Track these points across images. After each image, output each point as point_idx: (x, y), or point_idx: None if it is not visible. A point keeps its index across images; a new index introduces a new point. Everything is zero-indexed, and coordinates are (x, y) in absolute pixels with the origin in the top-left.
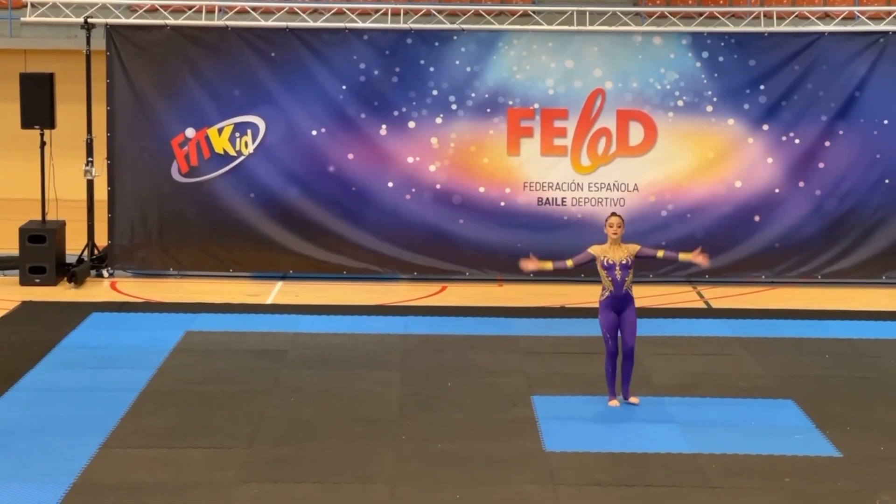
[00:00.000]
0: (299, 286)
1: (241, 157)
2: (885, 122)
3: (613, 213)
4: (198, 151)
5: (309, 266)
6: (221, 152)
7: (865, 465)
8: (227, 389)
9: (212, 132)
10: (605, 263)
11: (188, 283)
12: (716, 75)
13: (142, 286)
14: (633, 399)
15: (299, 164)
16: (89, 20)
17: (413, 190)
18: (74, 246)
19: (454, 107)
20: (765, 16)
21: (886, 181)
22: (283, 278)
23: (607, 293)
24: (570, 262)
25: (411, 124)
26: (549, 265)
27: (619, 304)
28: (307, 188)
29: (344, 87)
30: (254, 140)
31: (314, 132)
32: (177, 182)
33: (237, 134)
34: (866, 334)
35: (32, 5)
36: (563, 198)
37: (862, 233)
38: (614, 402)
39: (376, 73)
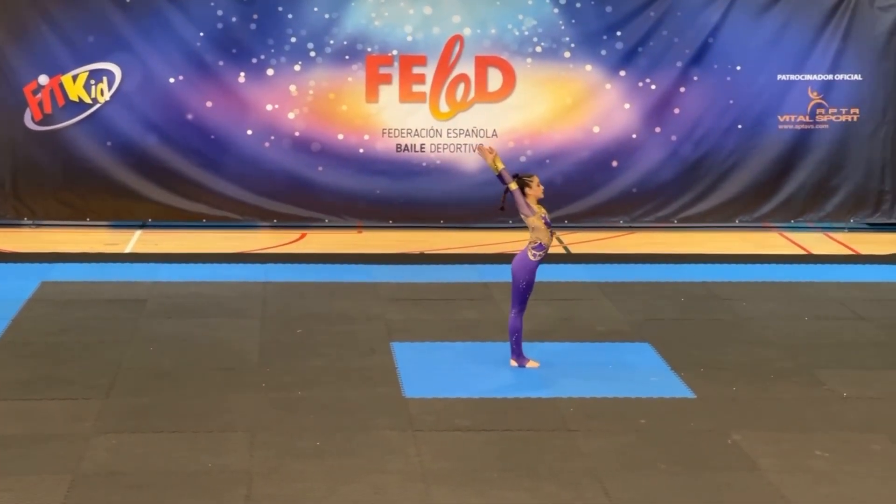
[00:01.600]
0: (158, 235)
1: (97, 105)
2: (738, 68)
3: (534, 174)
4: (52, 99)
5: (168, 214)
6: (76, 100)
7: (718, 405)
8: (84, 340)
9: (66, 79)
10: (547, 219)
11: (43, 233)
12: (573, 21)
13: None
14: (533, 362)
15: (157, 111)
16: None
17: (272, 137)
18: None
19: (312, 54)
20: None
21: (739, 126)
22: (141, 227)
23: (542, 253)
24: (513, 186)
25: (270, 72)
26: (500, 166)
27: None
28: (165, 136)
29: (201, 34)
30: (110, 87)
31: (172, 80)
32: (30, 130)
33: (92, 81)
34: (720, 277)
35: None
36: (421, 144)
37: (716, 178)
38: (533, 364)
39: (234, 19)
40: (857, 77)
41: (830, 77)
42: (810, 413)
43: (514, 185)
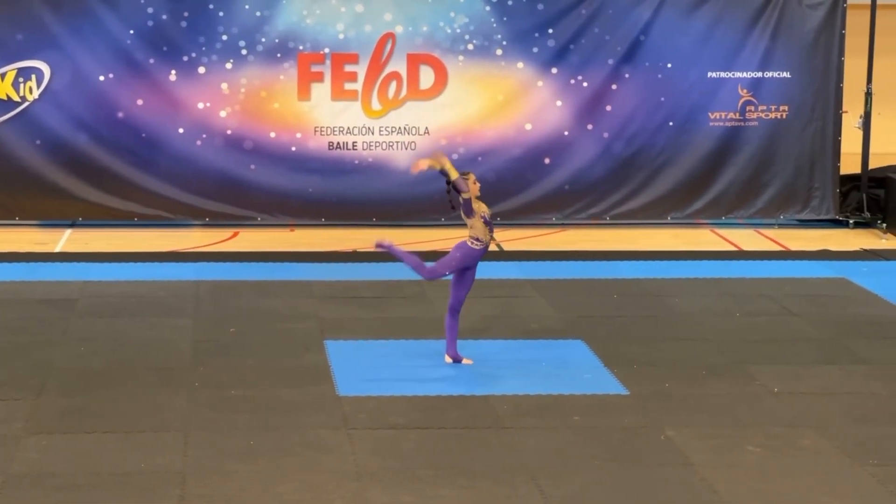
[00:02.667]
0: (89, 234)
1: (26, 103)
2: (669, 65)
3: (470, 172)
4: None
5: (99, 213)
6: (4, 98)
7: (651, 401)
8: (15, 340)
9: None
10: (487, 218)
11: None
12: (505, 19)
13: None
14: (467, 360)
15: (87, 110)
16: None
17: (204, 136)
18: None
19: (244, 52)
20: None
21: (670, 124)
22: (71, 226)
23: (480, 246)
24: (454, 175)
25: (201, 70)
26: (445, 164)
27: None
28: (96, 134)
29: (132, 31)
30: (38, 85)
31: (102, 77)
32: None
33: (21, 79)
34: (652, 274)
35: None
36: (354, 142)
37: (648, 175)
38: (468, 361)
39: (164, 17)
40: (787, 74)
41: (760, 74)
42: (742, 409)
43: (466, 195)
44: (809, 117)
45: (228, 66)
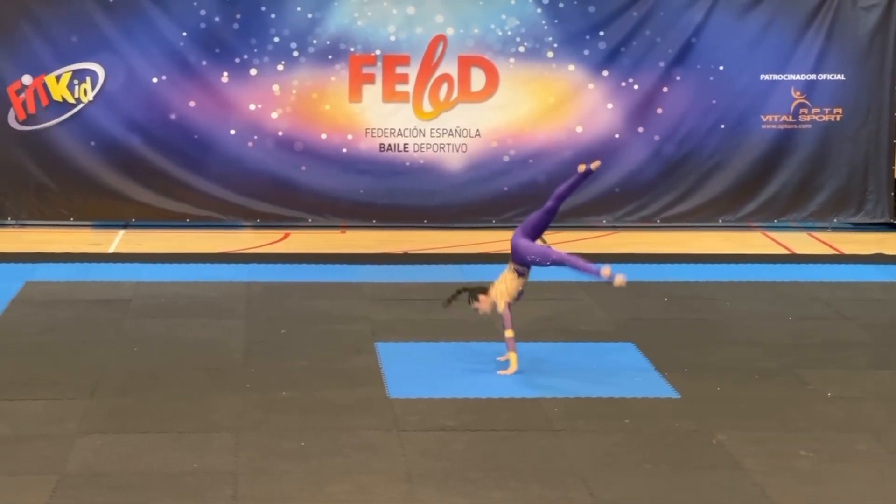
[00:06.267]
0: (142, 235)
1: (81, 105)
2: (721, 67)
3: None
4: (35, 99)
5: (151, 214)
6: (60, 100)
7: (702, 405)
8: (68, 340)
9: (49, 79)
10: (522, 290)
11: (27, 233)
12: (556, 21)
13: None
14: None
15: (140, 111)
16: None
17: (255, 137)
18: None
19: (296, 54)
20: None
21: (722, 126)
22: (125, 227)
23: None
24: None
25: (253, 71)
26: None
27: None
28: (149, 136)
29: (184, 33)
30: (93, 87)
31: (155, 79)
32: (14, 130)
33: (76, 81)
34: (703, 277)
35: None
36: (405, 144)
37: (698, 177)
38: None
39: (217, 19)
40: (840, 77)
41: (813, 77)
42: (795, 413)
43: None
44: (863, 120)
45: (280, 67)
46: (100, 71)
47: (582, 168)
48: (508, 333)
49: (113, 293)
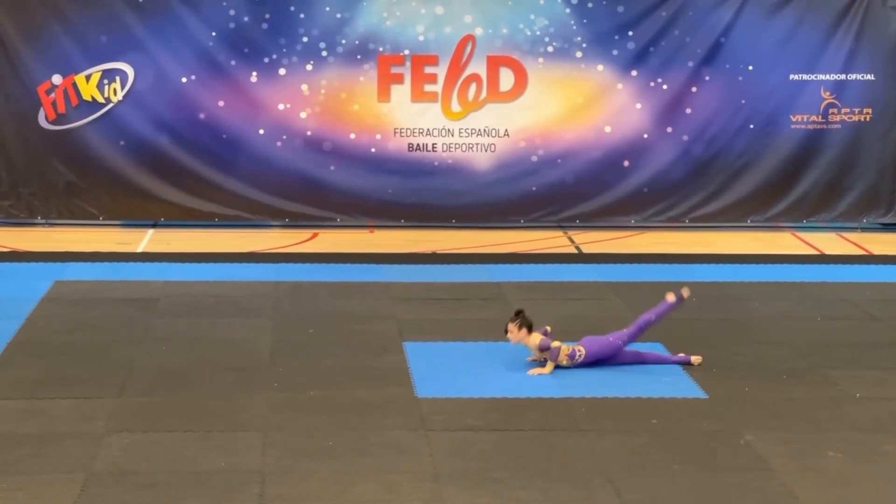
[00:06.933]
0: (170, 234)
1: (110, 105)
2: (750, 67)
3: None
4: (65, 98)
5: (180, 214)
6: (90, 99)
7: (730, 405)
8: (97, 339)
9: (79, 79)
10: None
11: (56, 232)
12: (585, 21)
13: (9, 235)
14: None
15: (169, 111)
16: None
17: (284, 137)
18: None
19: (324, 53)
20: None
21: (751, 126)
22: (153, 226)
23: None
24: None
25: (282, 71)
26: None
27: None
28: (178, 136)
29: (213, 33)
30: (122, 87)
31: (184, 79)
32: (44, 129)
33: (105, 81)
34: (731, 277)
35: None
36: (433, 144)
37: (727, 177)
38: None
39: (246, 19)
40: (870, 77)
41: (843, 77)
42: (823, 413)
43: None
44: (893, 120)
45: (309, 67)
46: (129, 71)
47: (671, 298)
48: (549, 367)
49: (141, 292)
